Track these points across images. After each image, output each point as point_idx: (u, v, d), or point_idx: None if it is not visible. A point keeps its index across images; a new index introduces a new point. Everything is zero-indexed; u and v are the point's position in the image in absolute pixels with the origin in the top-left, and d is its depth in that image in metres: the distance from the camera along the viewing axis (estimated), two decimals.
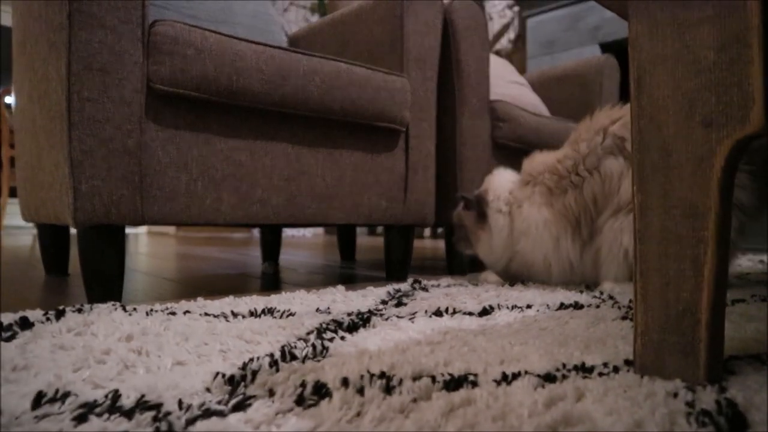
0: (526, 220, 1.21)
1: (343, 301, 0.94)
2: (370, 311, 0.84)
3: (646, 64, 0.50)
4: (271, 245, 1.91)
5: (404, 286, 1.13)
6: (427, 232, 4.40)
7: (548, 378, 0.49)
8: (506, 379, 0.48)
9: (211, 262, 1.89)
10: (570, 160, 1.16)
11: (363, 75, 1.22)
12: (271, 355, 0.55)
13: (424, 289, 1.11)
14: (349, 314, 0.81)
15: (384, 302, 0.94)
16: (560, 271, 1.18)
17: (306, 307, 0.88)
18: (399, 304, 0.92)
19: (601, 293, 1.04)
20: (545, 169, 1.20)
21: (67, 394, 0.44)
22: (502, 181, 1.31)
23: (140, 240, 3.55)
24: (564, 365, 0.53)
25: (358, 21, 1.48)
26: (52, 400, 0.42)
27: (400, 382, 0.47)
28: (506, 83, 1.89)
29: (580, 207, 1.13)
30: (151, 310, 0.81)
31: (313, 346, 0.60)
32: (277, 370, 0.51)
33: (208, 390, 0.46)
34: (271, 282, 1.35)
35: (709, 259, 0.46)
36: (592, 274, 1.17)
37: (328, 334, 0.67)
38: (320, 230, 5.01)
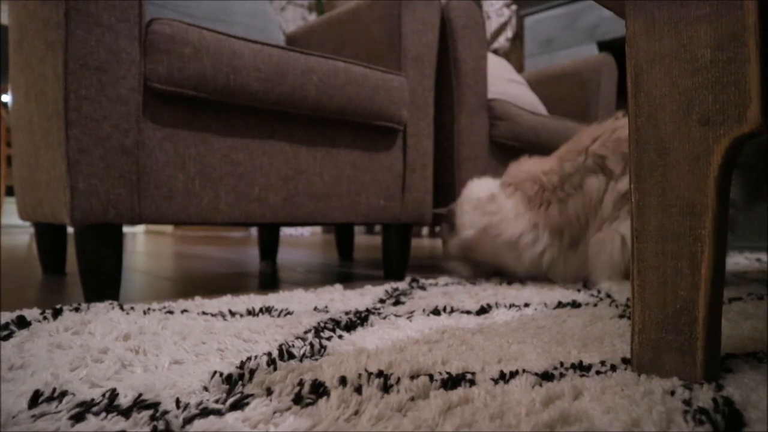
0: (502, 226, 1.24)
1: (341, 299, 0.94)
2: (368, 310, 0.84)
3: (644, 63, 0.50)
4: (269, 244, 1.91)
5: (402, 285, 1.13)
6: (425, 230, 4.40)
7: (546, 376, 0.49)
8: (504, 377, 0.48)
9: (208, 261, 1.89)
10: (555, 176, 1.20)
11: (361, 74, 1.22)
12: (269, 354, 0.55)
13: (422, 287, 1.11)
14: (347, 313, 0.81)
15: (382, 301, 0.94)
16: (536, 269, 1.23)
17: (304, 306, 0.87)
18: (397, 302, 0.92)
19: (599, 292, 1.05)
20: (527, 178, 1.24)
21: (64, 393, 0.44)
22: (476, 190, 1.35)
23: (138, 239, 3.54)
24: (562, 364, 0.53)
25: (356, 20, 1.48)
26: (49, 399, 0.42)
27: (398, 380, 0.47)
28: (504, 82, 1.89)
29: (564, 220, 1.18)
30: (149, 309, 0.81)
31: (311, 344, 0.60)
32: (275, 369, 0.51)
33: (205, 389, 0.46)
34: (269, 281, 1.35)
35: (706, 257, 0.46)
36: (578, 276, 1.21)
37: (326, 333, 0.67)
38: (318, 229, 5.01)
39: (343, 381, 0.47)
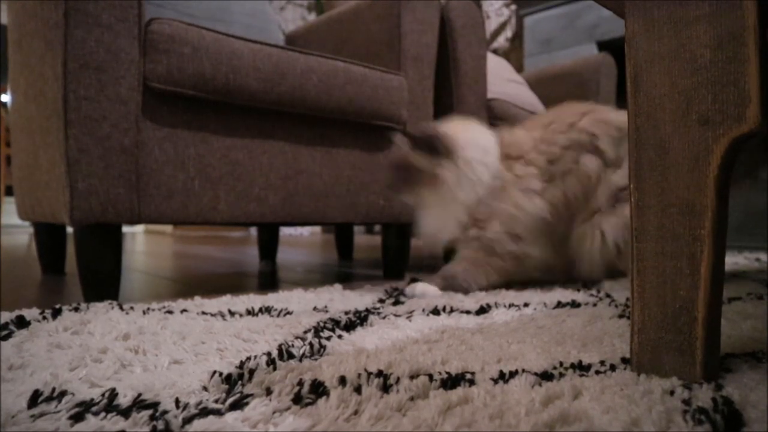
0: (521, 209, 1.08)
1: (340, 299, 0.94)
2: (367, 310, 0.84)
3: (643, 63, 0.50)
4: (269, 244, 1.91)
5: (402, 285, 1.13)
6: None
7: (545, 376, 0.49)
8: (503, 377, 0.48)
9: (208, 261, 1.89)
10: (555, 147, 1.09)
11: (360, 73, 1.22)
12: (269, 354, 0.55)
13: None
14: (346, 313, 0.81)
15: (381, 301, 0.94)
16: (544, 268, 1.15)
17: (303, 305, 0.87)
18: (396, 302, 0.92)
19: (598, 291, 1.05)
20: (532, 148, 1.11)
21: (63, 393, 0.44)
22: (478, 134, 1.13)
23: (137, 238, 3.54)
24: (561, 363, 0.53)
25: (356, 19, 1.48)
26: (49, 399, 0.42)
27: (398, 380, 0.47)
28: (503, 82, 1.89)
29: (564, 202, 1.09)
30: (148, 308, 0.81)
31: (311, 344, 0.60)
32: (275, 369, 0.51)
33: (205, 389, 0.46)
34: (269, 281, 1.35)
35: (705, 256, 0.46)
36: (568, 273, 1.18)
37: (326, 333, 0.67)
38: (318, 229, 5.01)
39: (342, 381, 0.47)
